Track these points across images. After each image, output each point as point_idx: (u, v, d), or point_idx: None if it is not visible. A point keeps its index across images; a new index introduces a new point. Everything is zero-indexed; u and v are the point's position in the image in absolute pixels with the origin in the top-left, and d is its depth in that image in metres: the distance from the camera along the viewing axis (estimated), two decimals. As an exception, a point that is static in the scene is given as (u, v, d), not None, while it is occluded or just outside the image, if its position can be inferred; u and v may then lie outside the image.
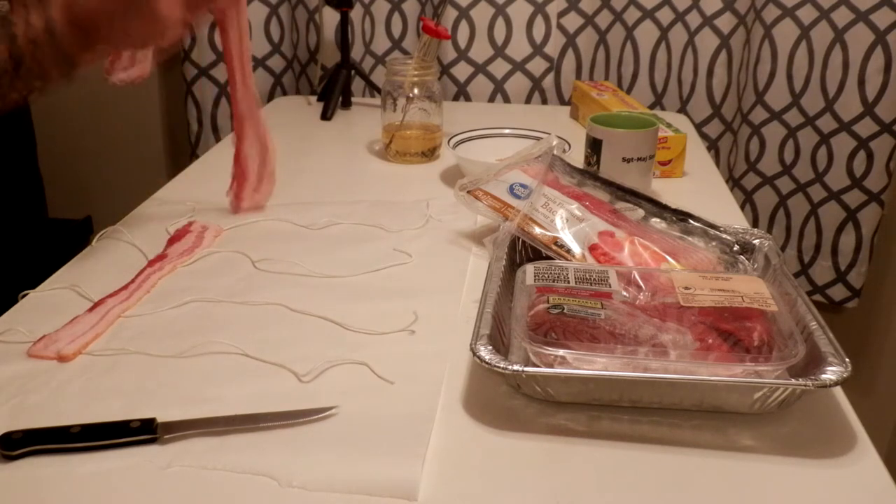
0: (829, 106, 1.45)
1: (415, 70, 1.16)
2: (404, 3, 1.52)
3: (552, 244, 0.81)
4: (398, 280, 0.84)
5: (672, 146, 1.14)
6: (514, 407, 0.64)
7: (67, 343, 0.70)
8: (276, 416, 0.61)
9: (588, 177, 0.91)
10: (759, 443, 0.61)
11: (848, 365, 0.60)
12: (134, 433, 0.58)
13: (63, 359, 0.68)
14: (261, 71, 1.62)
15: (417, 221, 0.98)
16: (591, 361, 0.62)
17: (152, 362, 0.69)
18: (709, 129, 1.49)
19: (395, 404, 0.64)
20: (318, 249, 0.91)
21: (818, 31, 1.42)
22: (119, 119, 1.68)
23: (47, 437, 0.58)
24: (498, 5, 1.47)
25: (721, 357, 0.62)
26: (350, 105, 1.48)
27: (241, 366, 0.69)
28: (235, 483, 0.56)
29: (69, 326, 0.73)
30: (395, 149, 1.20)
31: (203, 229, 0.93)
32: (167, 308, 0.78)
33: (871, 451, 0.60)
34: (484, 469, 0.58)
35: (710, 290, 0.69)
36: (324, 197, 1.07)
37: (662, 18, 1.48)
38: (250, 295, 0.80)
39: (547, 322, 0.65)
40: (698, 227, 0.85)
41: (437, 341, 0.73)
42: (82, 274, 0.84)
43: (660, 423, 0.63)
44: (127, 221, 0.97)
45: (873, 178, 1.45)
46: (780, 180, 1.55)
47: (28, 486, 0.55)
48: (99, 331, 0.73)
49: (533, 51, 1.50)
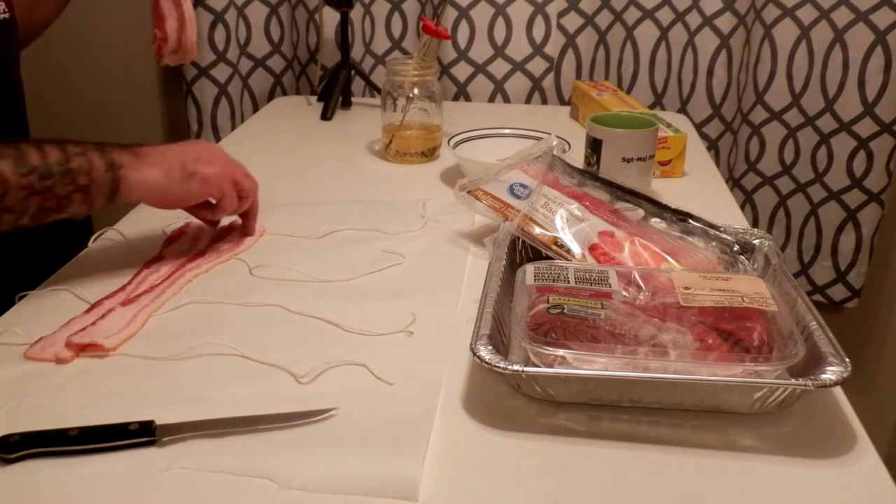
0: (829, 106, 1.45)
1: (415, 70, 1.16)
2: (404, 3, 1.52)
3: (552, 244, 0.81)
4: (396, 281, 0.84)
5: (672, 146, 1.14)
6: (514, 407, 0.64)
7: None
8: (275, 417, 0.61)
9: (588, 177, 0.91)
10: (759, 443, 0.61)
11: (848, 365, 0.60)
12: (132, 435, 0.58)
13: (61, 361, 0.68)
14: (261, 71, 1.63)
15: (415, 223, 0.98)
16: (591, 361, 0.61)
17: (150, 364, 0.69)
18: (709, 129, 1.48)
19: (394, 405, 0.64)
20: (315, 252, 0.91)
21: (818, 31, 1.42)
22: (119, 119, 1.68)
23: (45, 440, 0.58)
24: (498, 5, 1.47)
25: (721, 357, 0.62)
26: (350, 105, 1.48)
27: (239, 367, 0.69)
28: (234, 485, 0.55)
29: (66, 328, 0.72)
30: (395, 149, 1.20)
31: (199, 230, 0.93)
32: (165, 310, 0.78)
33: (871, 451, 0.60)
34: (484, 469, 0.58)
35: (710, 290, 0.69)
36: (323, 197, 1.07)
37: (662, 18, 1.48)
38: (248, 297, 0.80)
39: (547, 322, 0.65)
40: (698, 227, 0.85)
41: (435, 342, 0.73)
42: (79, 276, 0.84)
43: (660, 423, 0.62)
44: (124, 223, 0.97)
45: (873, 178, 1.45)
46: (780, 180, 1.54)
47: (26, 489, 0.55)
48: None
49: (533, 51, 1.50)
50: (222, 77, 1.55)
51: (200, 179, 0.81)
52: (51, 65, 1.58)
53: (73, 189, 0.73)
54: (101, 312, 0.75)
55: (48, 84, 1.62)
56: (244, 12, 1.56)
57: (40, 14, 1.08)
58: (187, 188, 0.81)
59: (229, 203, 0.86)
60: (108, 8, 1.56)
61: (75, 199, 0.74)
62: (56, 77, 1.62)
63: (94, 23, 1.56)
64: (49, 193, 0.72)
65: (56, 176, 0.72)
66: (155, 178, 0.78)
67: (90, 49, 1.61)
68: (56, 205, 0.73)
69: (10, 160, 0.71)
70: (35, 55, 1.17)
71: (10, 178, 0.70)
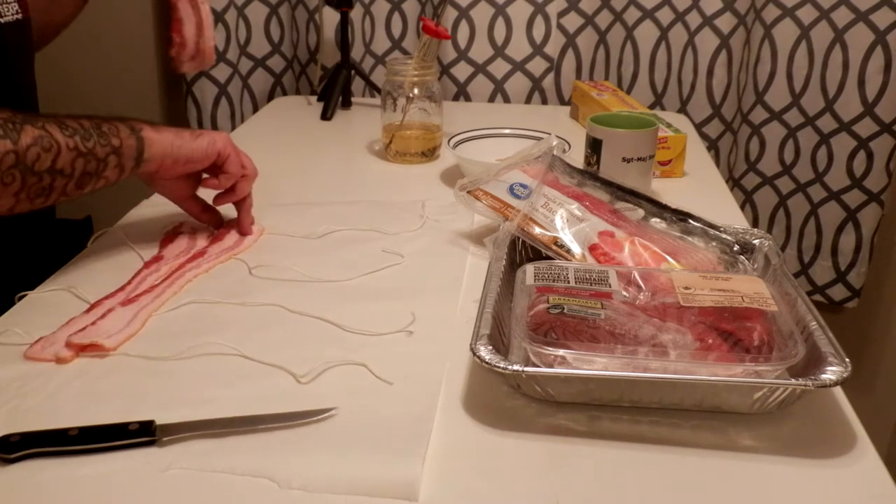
0: (829, 106, 1.45)
1: (415, 70, 1.16)
2: (404, 3, 1.52)
3: (552, 244, 0.81)
4: (396, 281, 0.84)
5: (672, 146, 1.14)
6: (514, 407, 0.64)
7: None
8: (275, 417, 0.61)
9: (588, 177, 0.91)
10: (759, 443, 0.61)
11: (848, 365, 0.60)
12: (132, 435, 0.58)
13: (61, 361, 0.68)
14: (261, 71, 1.63)
15: (415, 222, 0.98)
16: (591, 361, 0.61)
17: (150, 364, 0.69)
18: (709, 129, 1.48)
19: (394, 405, 0.64)
20: (316, 252, 0.91)
21: (818, 31, 1.42)
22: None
23: (45, 440, 0.58)
24: (498, 5, 1.47)
25: (721, 357, 0.62)
26: (350, 105, 1.48)
27: (239, 367, 0.69)
28: (235, 485, 0.55)
29: (66, 328, 0.72)
30: (395, 149, 1.20)
31: (194, 231, 0.93)
32: (165, 310, 0.78)
33: (871, 451, 0.60)
34: (484, 469, 0.58)
35: (710, 290, 0.69)
36: (323, 197, 1.07)
37: (662, 18, 1.48)
38: (248, 297, 0.80)
39: (547, 322, 0.65)
40: (698, 227, 0.85)
41: (435, 342, 0.73)
42: (79, 276, 0.84)
43: (660, 423, 0.62)
44: (124, 223, 0.97)
45: (873, 178, 1.45)
46: (780, 180, 1.54)
47: (26, 489, 0.55)
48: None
49: (533, 51, 1.50)
50: (222, 77, 1.55)
51: (208, 138, 0.87)
52: (50, 65, 1.58)
53: (109, 150, 0.77)
54: (101, 312, 0.75)
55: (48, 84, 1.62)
56: (244, 12, 1.56)
57: (57, 15, 1.08)
58: (197, 145, 0.85)
59: (234, 166, 0.89)
60: (108, 8, 1.56)
61: (111, 162, 0.78)
62: (56, 77, 1.62)
63: (95, 23, 1.56)
64: (90, 155, 0.76)
65: (94, 137, 0.76)
66: (167, 138, 0.83)
67: (90, 49, 1.61)
68: (96, 167, 0.77)
69: (55, 124, 0.74)
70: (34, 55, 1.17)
71: (59, 139, 0.73)
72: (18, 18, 0.95)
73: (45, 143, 0.72)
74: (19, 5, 0.95)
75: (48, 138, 0.72)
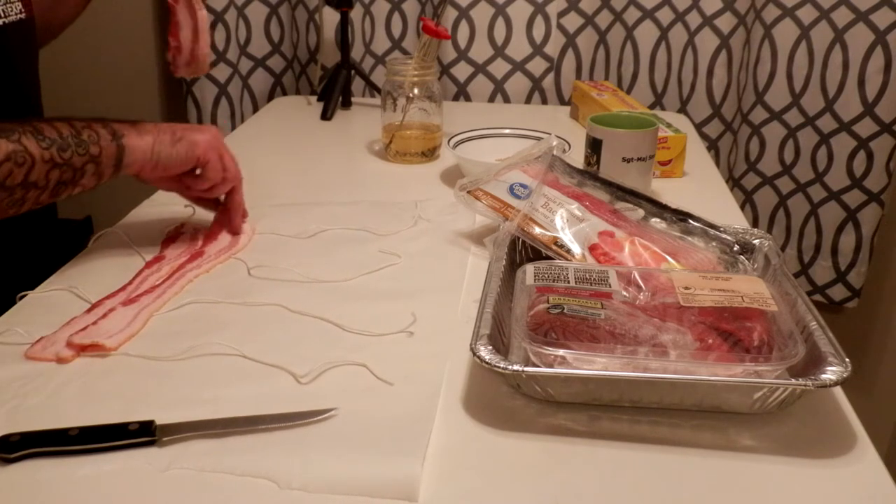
0: (829, 106, 1.45)
1: (415, 70, 1.16)
2: (404, 3, 1.52)
3: (552, 244, 0.81)
4: (396, 281, 0.84)
5: (672, 146, 1.14)
6: (514, 407, 0.64)
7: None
8: (275, 417, 0.61)
9: (588, 177, 0.91)
10: (759, 443, 0.61)
11: (848, 365, 0.60)
12: (132, 435, 0.58)
13: (62, 361, 0.68)
14: (261, 71, 1.63)
15: (413, 223, 0.98)
16: (591, 361, 0.61)
17: (150, 364, 0.69)
18: (709, 129, 1.48)
19: (394, 405, 0.64)
20: (316, 252, 0.91)
21: (818, 31, 1.42)
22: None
23: (45, 440, 0.58)
24: (498, 5, 1.47)
25: (721, 357, 0.62)
26: (350, 105, 1.48)
27: (239, 367, 0.69)
28: (235, 485, 0.55)
29: (66, 328, 0.72)
30: (395, 149, 1.20)
31: (196, 231, 0.93)
32: (166, 310, 0.78)
33: (871, 451, 0.60)
34: (484, 469, 0.58)
35: (710, 290, 0.69)
36: (323, 197, 1.07)
37: (662, 18, 1.48)
38: (249, 297, 0.80)
39: (547, 322, 0.65)
40: (698, 227, 0.85)
41: (435, 342, 0.73)
42: (80, 275, 0.84)
43: (660, 423, 0.62)
44: (125, 223, 0.97)
45: (873, 178, 1.45)
46: (780, 180, 1.54)
47: (26, 488, 0.55)
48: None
49: (533, 51, 1.50)
50: (222, 77, 1.55)
51: (187, 143, 0.84)
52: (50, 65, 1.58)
53: (86, 159, 0.77)
54: (102, 312, 0.75)
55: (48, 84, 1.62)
56: (244, 12, 1.56)
57: (60, 14, 1.08)
58: (175, 151, 0.84)
59: (213, 172, 0.87)
60: (108, 8, 1.56)
61: (88, 170, 0.77)
62: (56, 77, 1.62)
63: (95, 23, 1.56)
64: (66, 165, 0.75)
65: (72, 147, 0.76)
66: (147, 144, 0.82)
67: (90, 49, 1.61)
68: (72, 177, 0.76)
69: (31, 135, 0.73)
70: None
71: (34, 152, 0.73)
72: (22, 18, 0.94)
73: (18, 159, 0.71)
74: (23, 4, 0.94)
75: (22, 153, 0.72)
